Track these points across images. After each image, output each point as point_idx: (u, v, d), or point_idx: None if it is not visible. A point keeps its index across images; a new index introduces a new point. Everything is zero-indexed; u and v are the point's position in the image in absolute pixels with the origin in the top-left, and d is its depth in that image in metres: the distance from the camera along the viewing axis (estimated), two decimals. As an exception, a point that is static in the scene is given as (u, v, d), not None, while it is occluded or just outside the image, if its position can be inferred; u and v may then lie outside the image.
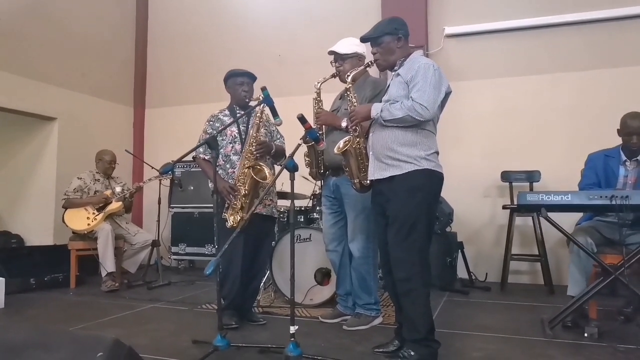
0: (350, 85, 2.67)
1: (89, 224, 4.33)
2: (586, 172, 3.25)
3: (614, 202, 2.61)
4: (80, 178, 4.56)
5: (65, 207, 4.45)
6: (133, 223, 5.10)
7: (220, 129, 3.01)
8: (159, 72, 6.39)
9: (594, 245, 2.97)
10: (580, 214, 3.37)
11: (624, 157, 3.14)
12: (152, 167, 4.78)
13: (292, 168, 2.26)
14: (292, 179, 2.29)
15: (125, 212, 4.78)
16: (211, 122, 3.18)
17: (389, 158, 2.36)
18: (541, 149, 4.68)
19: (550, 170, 4.50)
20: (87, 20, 5.62)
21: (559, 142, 4.64)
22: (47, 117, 5.24)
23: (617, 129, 3.15)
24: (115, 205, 4.46)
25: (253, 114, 3.09)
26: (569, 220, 3.31)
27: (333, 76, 3.09)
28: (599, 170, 3.18)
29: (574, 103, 4.64)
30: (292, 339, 2.18)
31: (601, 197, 2.66)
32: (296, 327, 2.20)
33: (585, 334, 2.78)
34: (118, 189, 4.55)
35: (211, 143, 2.62)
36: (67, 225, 4.41)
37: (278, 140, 3.31)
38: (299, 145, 2.37)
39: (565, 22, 4.68)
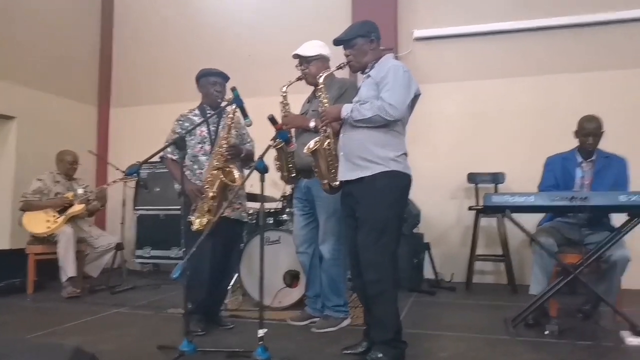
0: (322, 85, 2.68)
1: (49, 227, 4.17)
2: (545, 175, 3.38)
3: (574, 203, 2.72)
4: (40, 179, 4.39)
5: (24, 210, 4.28)
6: (96, 226, 4.96)
7: (189, 128, 2.95)
8: (125, 70, 6.23)
9: (556, 245, 3.08)
10: (542, 215, 3.49)
11: (579, 159, 3.28)
12: (117, 169, 4.65)
13: (263, 169, 2.25)
14: (262, 180, 2.27)
15: (88, 216, 4.64)
16: (180, 122, 3.11)
17: (359, 159, 2.38)
18: (505, 151, 4.81)
19: (514, 172, 4.63)
20: (47, 15, 5.43)
21: (522, 144, 4.77)
22: (5, 116, 5.04)
23: (575, 131, 3.29)
24: (77, 208, 4.31)
25: (224, 115, 3.04)
26: (531, 221, 3.41)
27: (299, 79, 3.10)
28: (557, 172, 3.31)
29: (537, 106, 4.79)
30: (261, 342, 2.17)
31: (562, 198, 2.77)
32: (265, 330, 2.18)
33: (546, 332, 2.86)
34: (80, 191, 4.41)
35: (179, 143, 2.58)
36: (25, 229, 4.24)
37: (248, 144, 3.27)
38: (270, 146, 2.36)
39: (530, 28, 4.82)
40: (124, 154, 5.68)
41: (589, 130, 3.19)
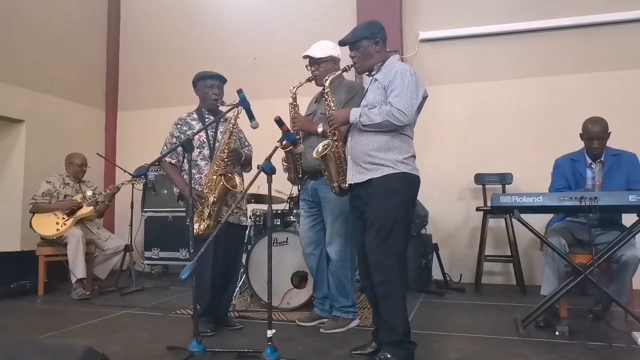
0: (328, 89, 2.67)
1: (58, 229, 4.20)
2: (555, 177, 3.34)
3: (583, 203, 2.69)
4: (50, 182, 4.43)
5: (33, 212, 4.31)
6: (105, 228, 4.98)
7: (192, 133, 2.94)
8: (132, 74, 6.27)
9: (567, 245, 3.05)
10: (551, 215, 3.46)
11: (589, 160, 3.25)
12: (125, 171, 4.68)
13: (270, 171, 2.25)
14: (270, 182, 2.28)
15: (97, 218, 4.67)
16: (179, 126, 3.10)
17: (367, 162, 2.37)
18: (513, 151, 4.78)
19: (522, 173, 4.60)
20: (55, 20, 5.48)
21: (529, 144, 4.74)
22: (14, 120, 5.08)
23: (580, 134, 3.26)
24: (86, 210, 4.35)
25: (223, 120, 3.02)
26: (539, 221, 3.39)
27: (308, 80, 3.08)
28: (567, 174, 3.27)
29: (543, 107, 4.76)
30: (270, 343, 2.17)
31: (571, 198, 2.74)
32: (273, 331, 2.18)
33: (557, 333, 2.84)
34: (89, 193, 4.44)
35: (187, 146, 2.57)
36: (35, 231, 4.27)
37: (246, 148, 3.25)
38: (277, 147, 2.36)
39: (535, 29, 4.80)
40: (131, 157, 5.72)
41: (594, 134, 3.15)
